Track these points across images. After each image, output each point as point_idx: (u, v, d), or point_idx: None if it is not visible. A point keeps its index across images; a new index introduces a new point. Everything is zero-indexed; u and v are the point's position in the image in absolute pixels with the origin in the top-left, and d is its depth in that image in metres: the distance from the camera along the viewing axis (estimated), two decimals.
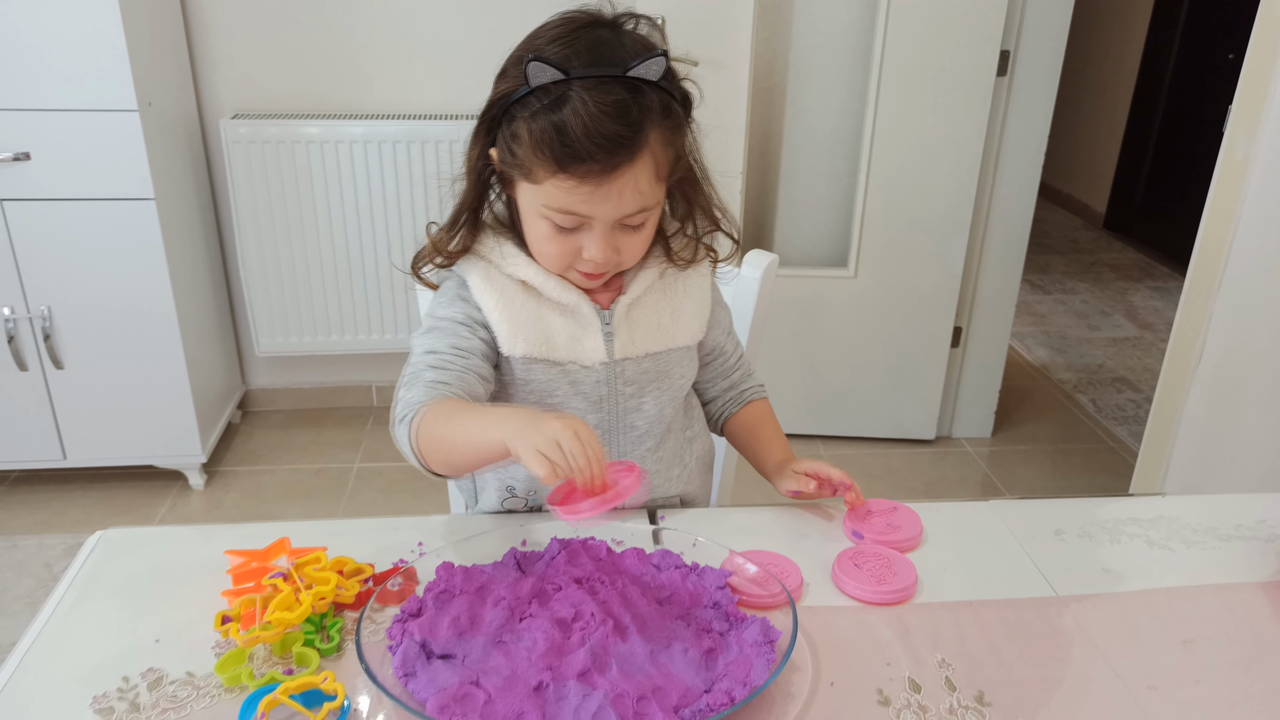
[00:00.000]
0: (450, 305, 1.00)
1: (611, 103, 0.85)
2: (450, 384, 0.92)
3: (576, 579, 0.87)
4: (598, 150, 0.85)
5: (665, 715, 0.73)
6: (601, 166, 0.86)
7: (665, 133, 0.90)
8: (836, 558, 0.95)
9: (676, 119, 0.91)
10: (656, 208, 0.95)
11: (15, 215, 2.06)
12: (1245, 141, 1.74)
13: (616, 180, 0.87)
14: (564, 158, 0.86)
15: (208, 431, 2.40)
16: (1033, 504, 1.09)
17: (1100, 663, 0.84)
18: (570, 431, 0.76)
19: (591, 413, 1.03)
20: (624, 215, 0.91)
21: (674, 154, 0.92)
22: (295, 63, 2.43)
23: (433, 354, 0.96)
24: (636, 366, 1.03)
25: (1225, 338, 1.81)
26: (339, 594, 0.86)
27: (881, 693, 0.79)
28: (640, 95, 0.87)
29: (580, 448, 0.75)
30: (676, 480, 1.12)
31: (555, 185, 0.88)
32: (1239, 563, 0.99)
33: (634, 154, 0.87)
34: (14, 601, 1.99)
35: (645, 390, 1.04)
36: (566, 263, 0.96)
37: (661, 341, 1.04)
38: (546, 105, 0.86)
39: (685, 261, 1.05)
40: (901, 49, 2.27)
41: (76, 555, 0.95)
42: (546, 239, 0.94)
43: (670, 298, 1.05)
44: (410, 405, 0.90)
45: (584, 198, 0.88)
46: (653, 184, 0.91)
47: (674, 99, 0.91)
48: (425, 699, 0.74)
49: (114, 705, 0.76)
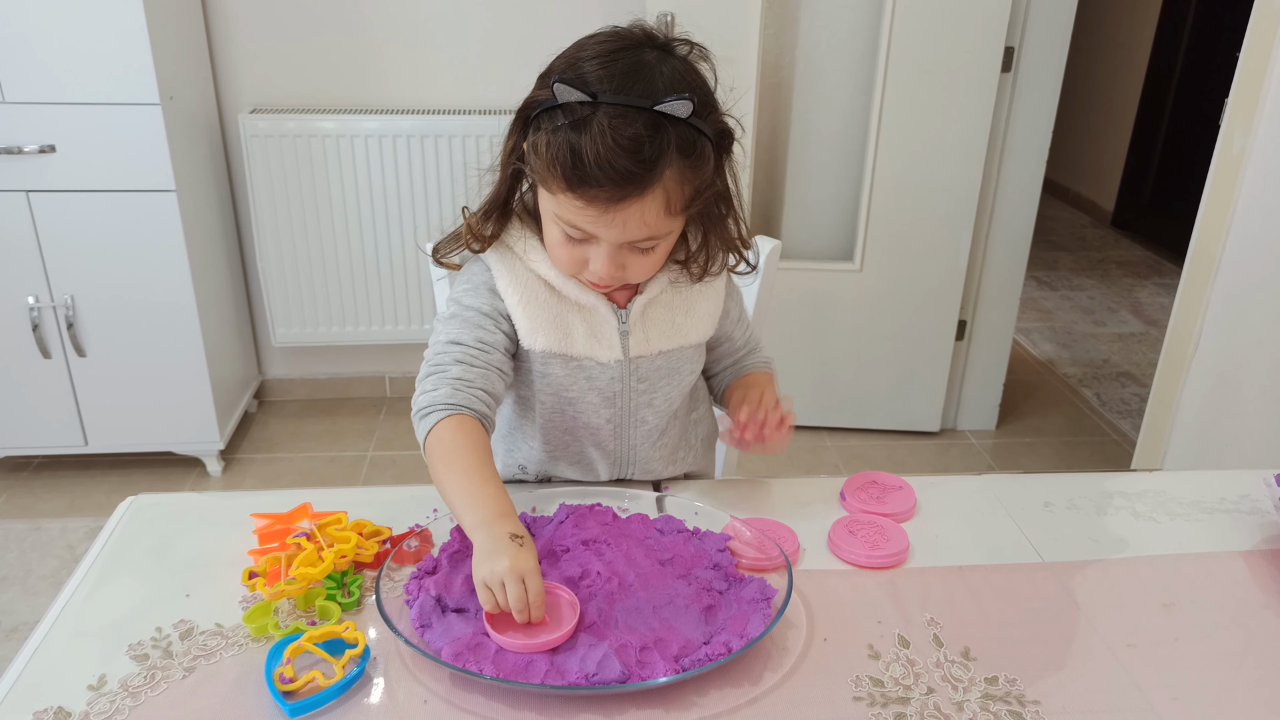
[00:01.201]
0: (476, 294, 1.02)
1: (629, 136, 0.85)
2: (473, 381, 0.96)
3: (583, 541, 0.91)
4: (606, 180, 0.86)
5: (666, 664, 0.77)
6: (609, 195, 0.87)
7: (683, 170, 0.89)
8: (832, 525, 0.99)
9: (699, 156, 0.90)
10: (669, 236, 0.95)
11: (40, 206, 2.12)
12: (1241, 135, 1.78)
13: (623, 210, 0.88)
14: (574, 179, 0.87)
15: (225, 419, 2.46)
16: (1024, 478, 1.13)
17: (1083, 623, 0.88)
18: (516, 576, 0.79)
19: (605, 407, 1.06)
20: (630, 240, 0.92)
21: (691, 190, 0.92)
22: (313, 58, 2.48)
23: (458, 346, 0.98)
24: (650, 364, 1.05)
25: (1221, 326, 1.85)
26: (359, 553, 0.90)
27: (872, 647, 0.83)
28: (661, 131, 0.87)
29: (520, 593, 0.78)
30: (681, 462, 1.16)
31: (565, 200, 0.90)
32: (1222, 534, 1.03)
33: (644, 189, 0.87)
34: (39, 581, 2.05)
35: (657, 386, 1.07)
36: (575, 269, 0.97)
37: (675, 339, 1.06)
38: (569, 124, 0.87)
39: (698, 277, 1.05)
40: (907, 44, 2.31)
41: (109, 518, 1.00)
42: (558, 244, 0.96)
43: (686, 296, 1.06)
44: (433, 403, 0.94)
45: (591, 219, 0.90)
46: (661, 217, 0.91)
47: (703, 135, 0.90)
48: (440, 648, 0.78)
49: (148, 652, 0.81)
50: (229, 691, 0.77)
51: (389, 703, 0.76)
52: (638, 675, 0.76)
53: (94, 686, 0.77)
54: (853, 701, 0.77)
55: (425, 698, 0.77)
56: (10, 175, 2.08)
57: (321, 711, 0.75)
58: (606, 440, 1.08)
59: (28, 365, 2.25)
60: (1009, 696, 0.78)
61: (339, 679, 0.76)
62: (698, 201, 0.94)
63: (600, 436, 1.08)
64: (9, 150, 2.05)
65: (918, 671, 0.81)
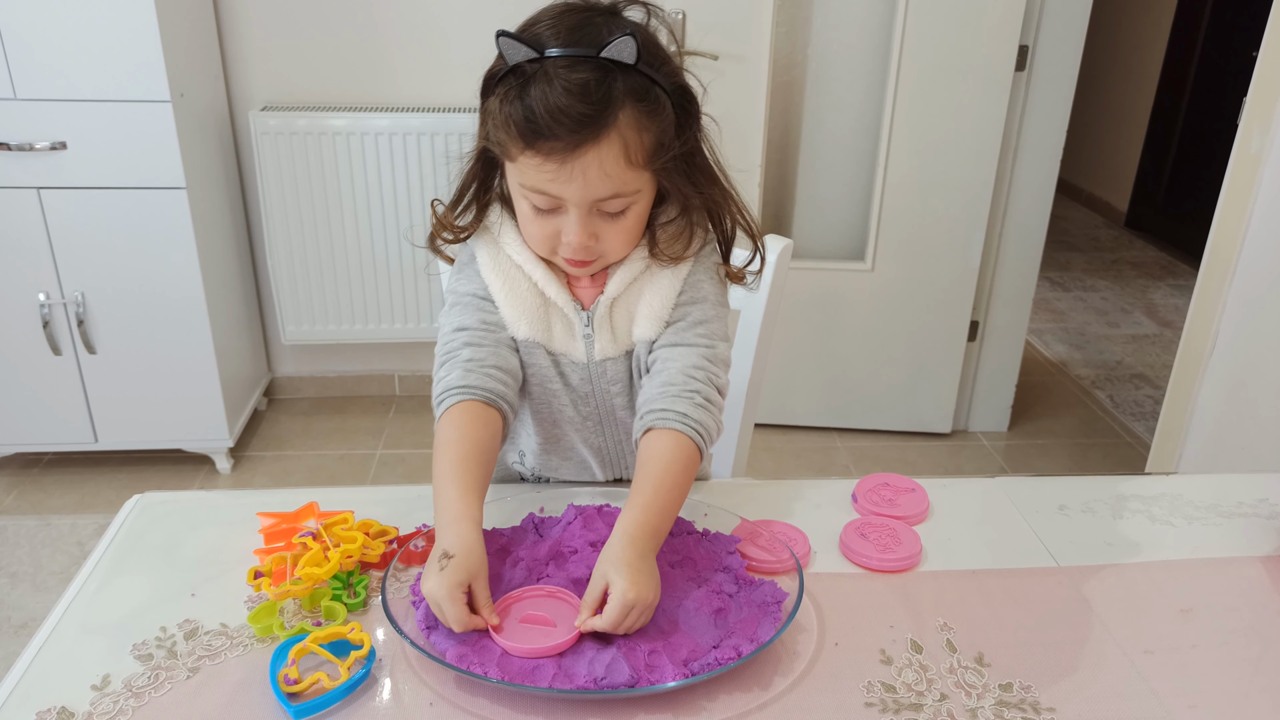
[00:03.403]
0: (471, 280, 1.02)
1: (577, 81, 0.85)
2: (485, 360, 0.95)
3: (591, 542, 0.90)
4: (559, 128, 0.85)
5: (675, 667, 0.76)
6: (564, 144, 0.86)
7: (639, 117, 0.87)
8: (844, 528, 0.98)
9: (654, 104, 0.88)
10: (637, 196, 0.92)
11: (51, 203, 2.12)
12: (1259, 135, 1.76)
13: (580, 159, 0.86)
14: (529, 134, 0.86)
15: (235, 417, 2.46)
16: (1038, 481, 1.11)
17: (1098, 628, 0.86)
18: (435, 602, 0.78)
19: (583, 404, 1.04)
20: (595, 198, 0.89)
21: (652, 141, 0.89)
22: (323, 56, 2.48)
23: (464, 330, 0.98)
24: (616, 366, 1.02)
25: (1238, 327, 1.83)
26: (365, 553, 0.90)
27: (884, 652, 0.82)
28: (610, 75, 0.86)
29: (450, 617, 0.78)
30: None
31: (525, 162, 0.89)
32: (1239, 538, 1.01)
33: (598, 133, 0.86)
34: (49, 577, 2.05)
35: (629, 387, 1.04)
36: (549, 246, 0.95)
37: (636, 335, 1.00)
38: (519, 84, 0.87)
39: (669, 259, 0.98)
40: (920, 43, 2.29)
41: (116, 515, 0.99)
42: (528, 220, 0.94)
43: (654, 285, 0.99)
44: (446, 389, 0.94)
45: (550, 176, 0.88)
46: (623, 168, 0.88)
47: (656, 84, 0.89)
48: (445, 650, 0.78)
49: (153, 652, 0.80)
50: (233, 693, 0.76)
51: (394, 705, 0.75)
52: (646, 679, 0.75)
53: (98, 686, 0.76)
54: (864, 707, 0.76)
55: (431, 700, 0.76)
56: (22, 172, 2.08)
57: (326, 713, 0.74)
58: (591, 436, 1.07)
59: (38, 362, 2.25)
60: (1023, 703, 0.77)
61: (344, 680, 0.75)
62: (661, 157, 0.90)
63: (585, 431, 1.07)
64: (21, 147, 2.05)
65: (930, 677, 0.80)
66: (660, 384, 0.95)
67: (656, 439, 0.92)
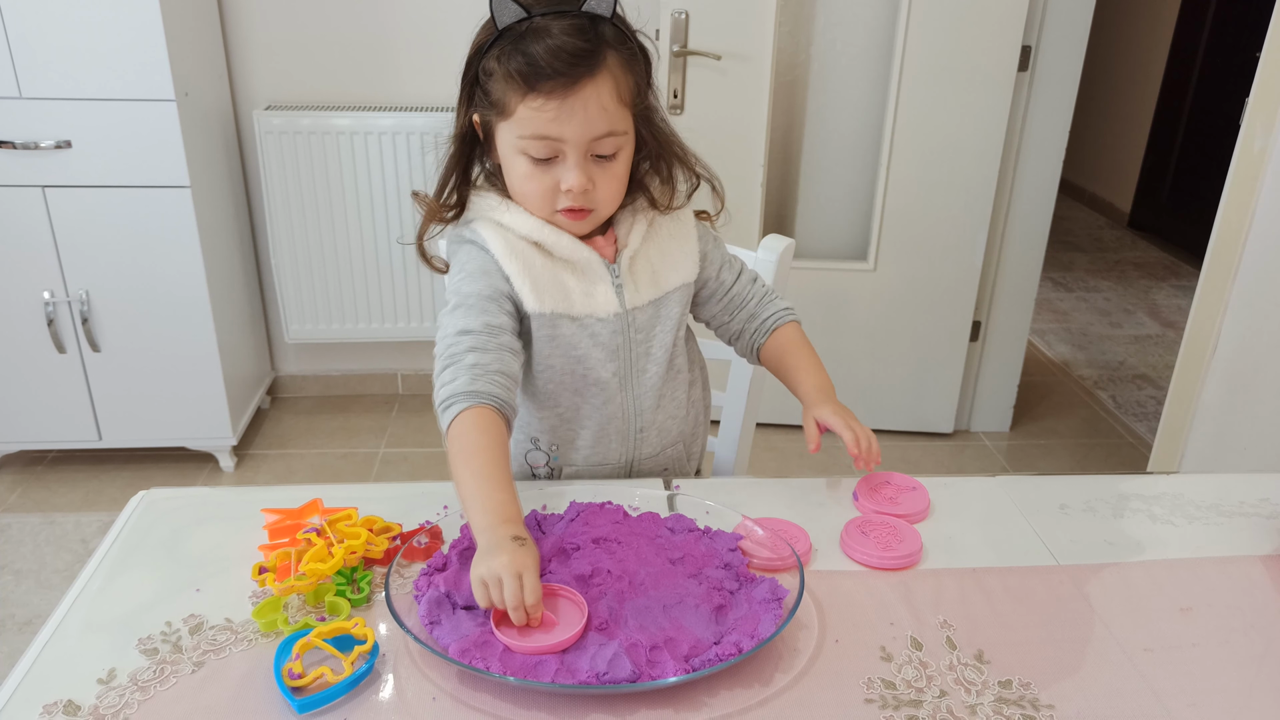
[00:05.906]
0: (474, 280, 1.03)
1: (570, 24, 0.94)
2: (489, 365, 0.97)
3: (594, 539, 0.91)
4: (560, 64, 0.93)
5: (676, 663, 0.76)
6: (565, 80, 0.93)
7: (623, 60, 0.97)
8: (845, 525, 0.98)
9: (632, 52, 0.98)
10: (625, 139, 1.00)
11: (56, 202, 2.13)
12: (1262, 134, 1.76)
13: (580, 94, 0.94)
14: (530, 77, 0.94)
15: (238, 415, 2.46)
16: (1039, 480, 1.12)
17: (1098, 627, 0.87)
18: (513, 573, 0.79)
19: (610, 361, 1.08)
20: (593, 135, 0.96)
21: (633, 83, 0.99)
22: (327, 56, 2.49)
23: (468, 334, 0.99)
24: (643, 315, 1.09)
25: (1241, 327, 1.83)
26: (369, 549, 0.90)
27: (884, 649, 0.83)
28: (595, 23, 0.95)
29: (515, 590, 0.78)
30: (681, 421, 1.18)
31: (526, 109, 0.95)
32: (1240, 537, 1.01)
33: (594, 68, 0.94)
34: (52, 575, 2.06)
35: (652, 335, 1.10)
36: (548, 202, 1.01)
37: (660, 287, 1.09)
38: (514, 40, 0.95)
39: (666, 206, 1.10)
40: (923, 43, 2.29)
41: (121, 511, 1.00)
42: (526, 177, 1.00)
43: (661, 246, 1.10)
44: (454, 394, 0.95)
45: (552, 116, 0.95)
46: (616, 105, 0.97)
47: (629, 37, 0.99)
48: (448, 645, 0.78)
49: (158, 647, 0.81)
50: (238, 687, 0.76)
51: (398, 699, 0.76)
52: (648, 674, 0.75)
53: (103, 680, 0.77)
54: (864, 704, 0.77)
55: (434, 695, 0.76)
56: (27, 170, 2.09)
57: (330, 707, 0.74)
58: (614, 394, 1.10)
59: (43, 360, 2.26)
60: (1023, 700, 0.77)
61: (348, 675, 0.75)
62: (640, 100, 1.01)
63: (609, 391, 1.09)
64: (26, 146, 2.06)
65: (930, 674, 0.80)
66: (754, 306, 1.18)
67: (784, 332, 1.18)
